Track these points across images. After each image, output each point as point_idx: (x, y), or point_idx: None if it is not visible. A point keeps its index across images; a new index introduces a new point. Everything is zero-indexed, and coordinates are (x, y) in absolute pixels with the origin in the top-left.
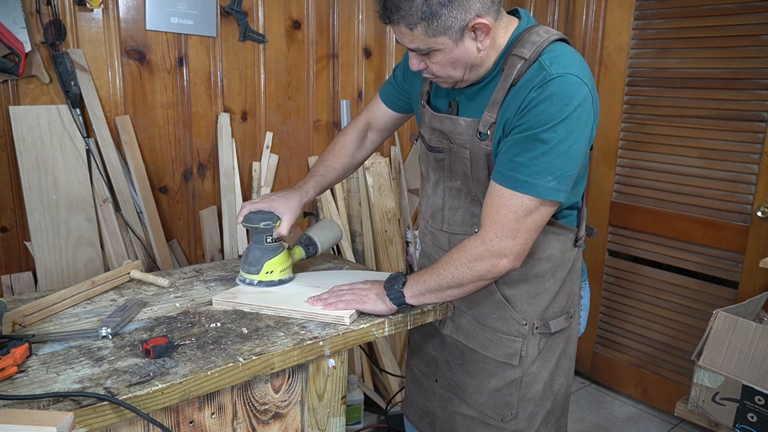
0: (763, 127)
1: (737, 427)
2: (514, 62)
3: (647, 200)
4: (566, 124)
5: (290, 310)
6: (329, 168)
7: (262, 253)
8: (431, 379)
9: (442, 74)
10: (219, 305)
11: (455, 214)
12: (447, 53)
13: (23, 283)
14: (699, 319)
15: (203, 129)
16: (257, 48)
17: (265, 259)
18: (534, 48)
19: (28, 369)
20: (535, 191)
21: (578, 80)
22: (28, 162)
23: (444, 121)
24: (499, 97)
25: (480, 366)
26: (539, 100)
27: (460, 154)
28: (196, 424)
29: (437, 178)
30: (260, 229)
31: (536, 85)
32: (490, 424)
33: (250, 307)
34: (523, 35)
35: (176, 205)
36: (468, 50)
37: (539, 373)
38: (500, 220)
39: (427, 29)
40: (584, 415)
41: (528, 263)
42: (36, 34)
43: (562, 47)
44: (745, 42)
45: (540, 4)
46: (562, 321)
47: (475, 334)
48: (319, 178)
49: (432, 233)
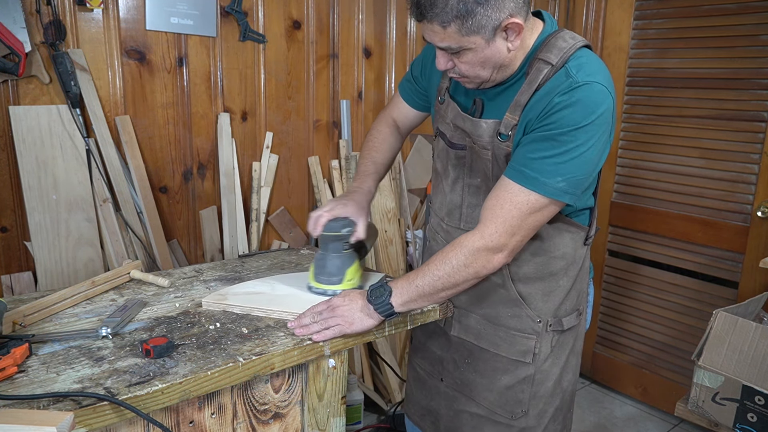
0: (763, 127)
1: (737, 427)
2: (541, 67)
3: (647, 200)
4: (587, 130)
5: (281, 312)
6: (379, 165)
7: (342, 261)
8: (436, 378)
9: (471, 74)
10: (209, 306)
11: (474, 211)
12: (478, 53)
13: (23, 283)
14: (699, 319)
15: (203, 129)
16: (257, 48)
17: (346, 267)
18: (561, 54)
19: (28, 369)
20: (543, 189)
21: (604, 89)
22: (28, 162)
23: (466, 121)
24: (522, 99)
25: (491, 364)
26: (564, 105)
27: (481, 155)
28: (196, 424)
29: (456, 175)
30: (342, 236)
31: (562, 90)
32: (498, 422)
33: (241, 309)
34: (549, 40)
35: (176, 205)
36: (499, 50)
37: (551, 371)
38: (503, 216)
39: (461, 28)
40: (584, 415)
41: (544, 261)
42: (36, 34)
43: (588, 54)
44: (745, 42)
45: (540, 4)
46: (574, 318)
47: (485, 334)
48: (375, 176)
49: (447, 231)
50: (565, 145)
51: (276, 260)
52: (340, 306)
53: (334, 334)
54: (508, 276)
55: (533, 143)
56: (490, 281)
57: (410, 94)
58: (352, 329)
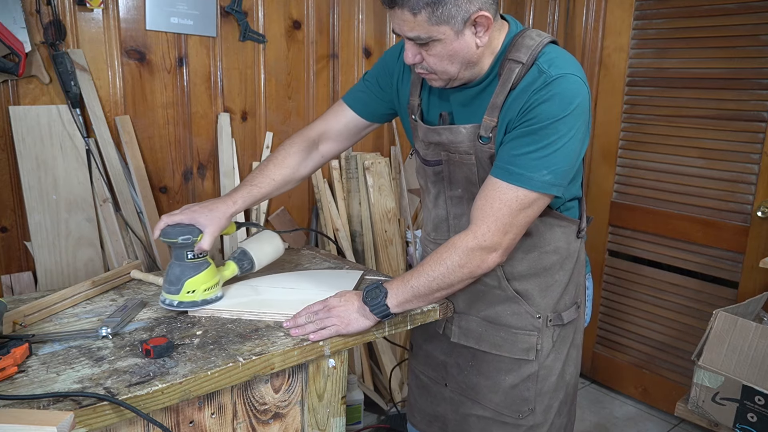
0: (763, 127)
1: (737, 427)
2: (512, 66)
3: (647, 200)
4: (566, 121)
5: (273, 314)
6: (267, 178)
7: (182, 270)
8: (440, 383)
9: (438, 68)
10: (196, 312)
11: (460, 221)
12: (447, 45)
13: (23, 283)
14: (699, 319)
15: (203, 129)
16: (257, 48)
17: (185, 277)
18: (530, 52)
19: (28, 369)
20: (530, 184)
21: (578, 80)
22: (28, 162)
23: (442, 132)
24: (498, 101)
25: (494, 366)
26: (542, 100)
27: (464, 161)
28: (196, 424)
29: (437, 191)
30: (179, 244)
31: (538, 87)
32: (506, 422)
33: (230, 313)
34: (516, 40)
35: (176, 205)
36: (467, 44)
37: (554, 365)
38: (494, 214)
39: (431, 16)
40: (584, 415)
41: (536, 257)
42: (36, 34)
43: (556, 49)
44: (745, 42)
45: (540, 4)
46: (573, 312)
47: (486, 336)
48: (252, 188)
49: (436, 244)
50: (547, 138)
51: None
52: (337, 306)
53: (330, 334)
54: (503, 276)
55: (515, 140)
56: (485, 284)
57: (362, 103)
58: (348, 330)
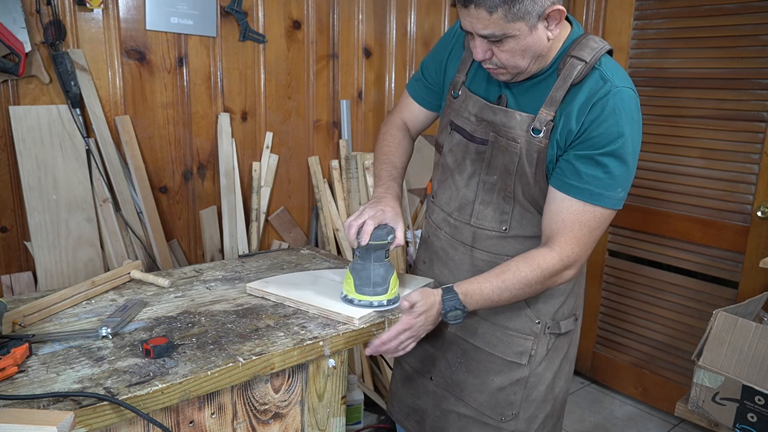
0: (763, 127)
1: (737, 427)
2: (574, 63)
3: (647, 200)
4: (633, 137)
5: (308, 305)
6: (399, 168)
7: (386, 270)
8: (425, 376)
9: (509, 63)
10: (251, 292)
11: (486, 209)
12: (520, 40)
13: (23, 283)
14: (699, 319)
15: (203, 129)
16: (257, 48)
17: (389, 275)
18: (593, 53)
19: (28, 369)
20: (608, 203)
21: (635, 95)
22: (28, 162)
23: (498, 112)
24: (558, 95)
25: (484, 365)
26: (608, 113)
27: (509, 148)
28: (196, 424)
29: (473, 171)
30: (386, 245)
31: (601, 95)
32: (487, 423)
33: (276, 298)
34: (580, 39)
35: (176, 205)
36: (540, 38)
37: (544, 374)
38: (575, 236)
39: (507, 14)
40: (584, 415)
41: None
42: (36, 34)
43: (613, 60)
44: (745, 42)
45: None
46: (571, 323)
47: (482, 332)
48: (399, 179)
49: (454, 226)
50: (620, 157)
51: (276, 260)
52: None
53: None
54: None
55: (590, 160)
56: None
57: (422, 94)
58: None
